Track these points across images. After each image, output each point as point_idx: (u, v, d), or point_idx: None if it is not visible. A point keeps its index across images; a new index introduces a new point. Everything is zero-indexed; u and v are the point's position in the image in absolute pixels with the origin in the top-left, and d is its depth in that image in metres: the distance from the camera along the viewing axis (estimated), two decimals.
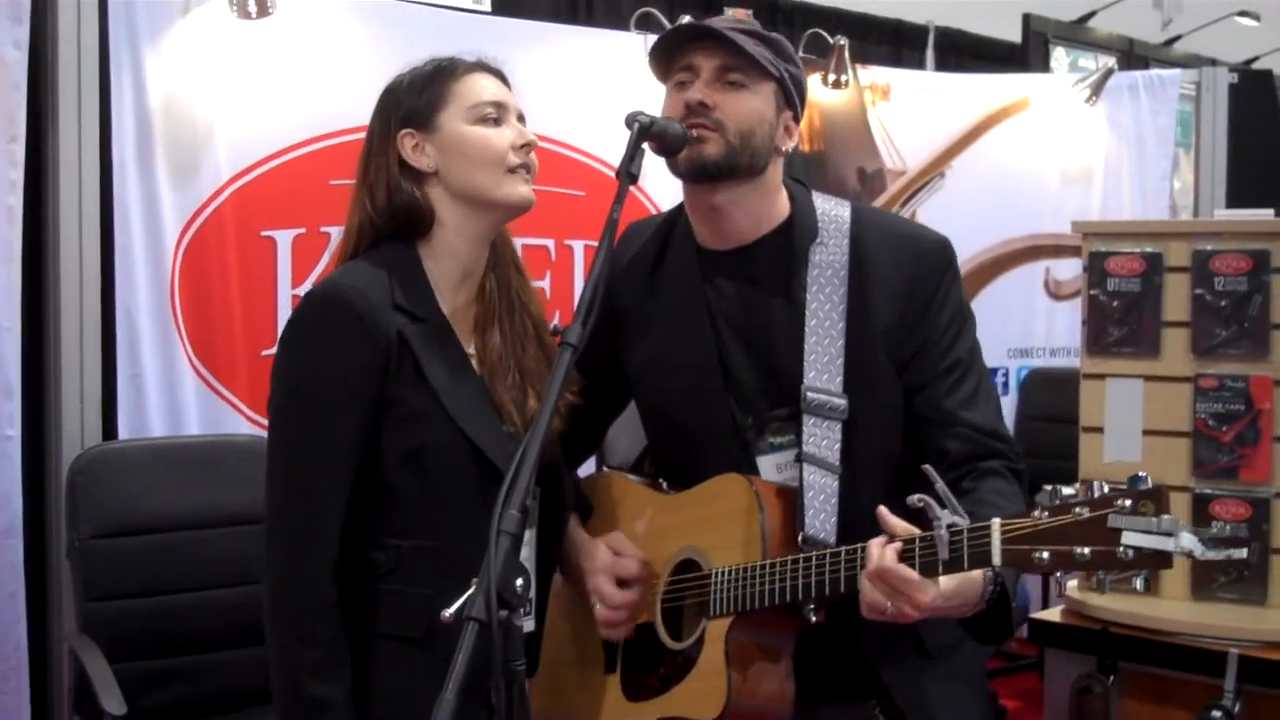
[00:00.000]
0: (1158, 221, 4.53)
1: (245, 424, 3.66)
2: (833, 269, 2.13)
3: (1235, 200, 5.32)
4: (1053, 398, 5.01)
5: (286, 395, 2.05)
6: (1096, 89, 5.42)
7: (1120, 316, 2.66)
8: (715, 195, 2.14)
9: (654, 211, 4.26)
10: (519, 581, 1.61)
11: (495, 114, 2.10)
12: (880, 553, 1.84)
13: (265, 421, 3.64)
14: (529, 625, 2.13)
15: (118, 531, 3.26)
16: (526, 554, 2.08)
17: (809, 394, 2.08)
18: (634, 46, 4.43)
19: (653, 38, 4.42)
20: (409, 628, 2.02)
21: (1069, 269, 5.35)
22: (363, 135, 2.16)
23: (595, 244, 1.92)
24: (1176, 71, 5.76)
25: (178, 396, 3.59)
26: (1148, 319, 2.64)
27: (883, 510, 1.88)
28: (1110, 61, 5.78)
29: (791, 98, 2.16)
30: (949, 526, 1.79)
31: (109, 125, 3.47)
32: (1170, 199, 5.78)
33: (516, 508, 1.63)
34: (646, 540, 2.22)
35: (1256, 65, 7.82)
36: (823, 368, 2.09)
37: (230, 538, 3.33)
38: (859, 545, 1.90)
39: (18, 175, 3.32)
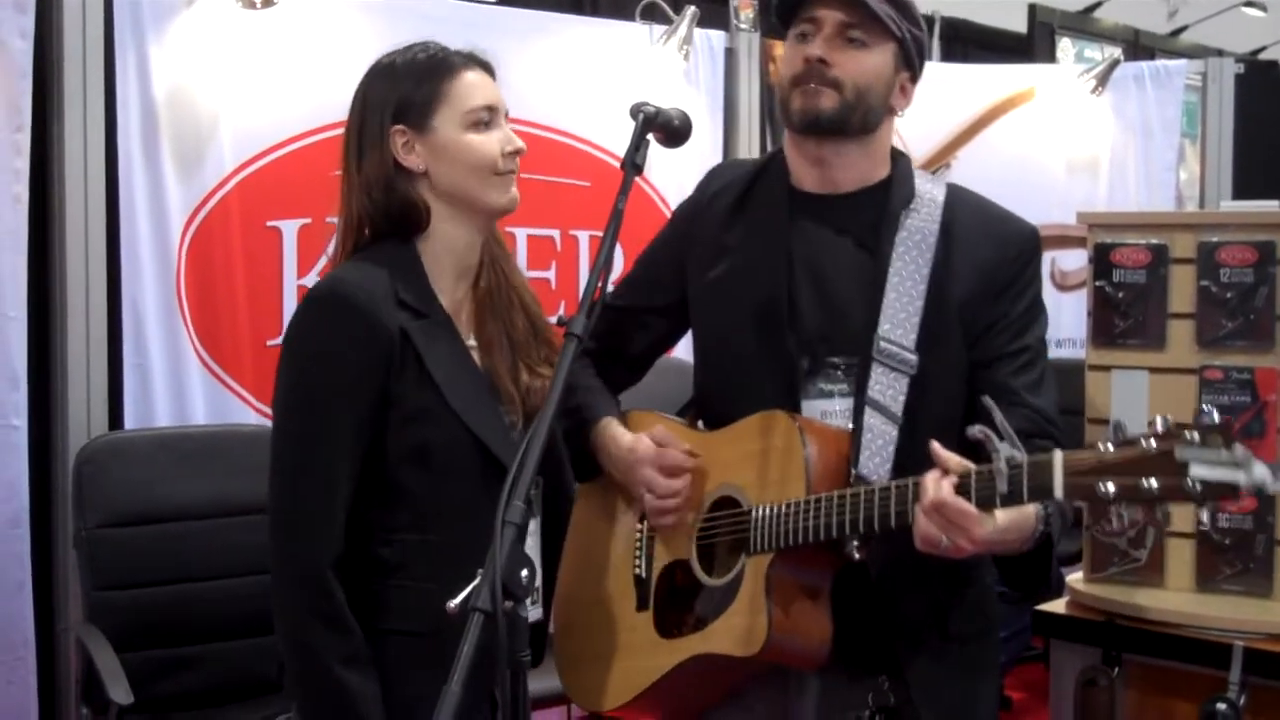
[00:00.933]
0: (1163, 213, 4.52)
1: (251, 414, 3.67)
2: (921, 234, 2.13)
3: (1241, 191, 5.32)
4: (1058, 389, 5.00)
5: (290, 391, 2.06)
6: (1102, 80, 5.41)
7: (1126, 308, 2.65)
8: (822, 148, 2.14)
9: (659, 202, 4.30)
10: (524, 572, 1.62)
11: (488, 118, 2.11)
12: (937, 485, 1.83)
13: (271, 412, 3.67)
14: (535, 614, 2.14)
15: (124, 521, 3.28)
16: (532, 544, 2.09)
17: (882, 342, 2.07)
18: (639, 37, 4.43)
19: (659, 28, 4.45)
20: (417, 623, 2.02)
21: (1074, 260, 5.34)
22: None
23: (600, 234, 1.92)
24: (1182, 62, 5.75)
25: (183, 386, 3.60)
26: (1153, 311, 2.63)
27: (936, 446, 1.87)
28: (1116, 52, 5.74)
29: (911, 59, 2.15)
30: (1008, 459, 1.78)
31: (114, 115, 3.47)
32: (1176, 190, 5.77)
33: (521, 499, 1.63)
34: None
35: (1263, 56, 7.81)
36: (898, 323, 2.09)
37: (237, 527, 3.34)
38: (911, 479, 1.89)
39: (23, 164, 3.32)
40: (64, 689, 3.50)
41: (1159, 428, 1.72)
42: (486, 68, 2.16)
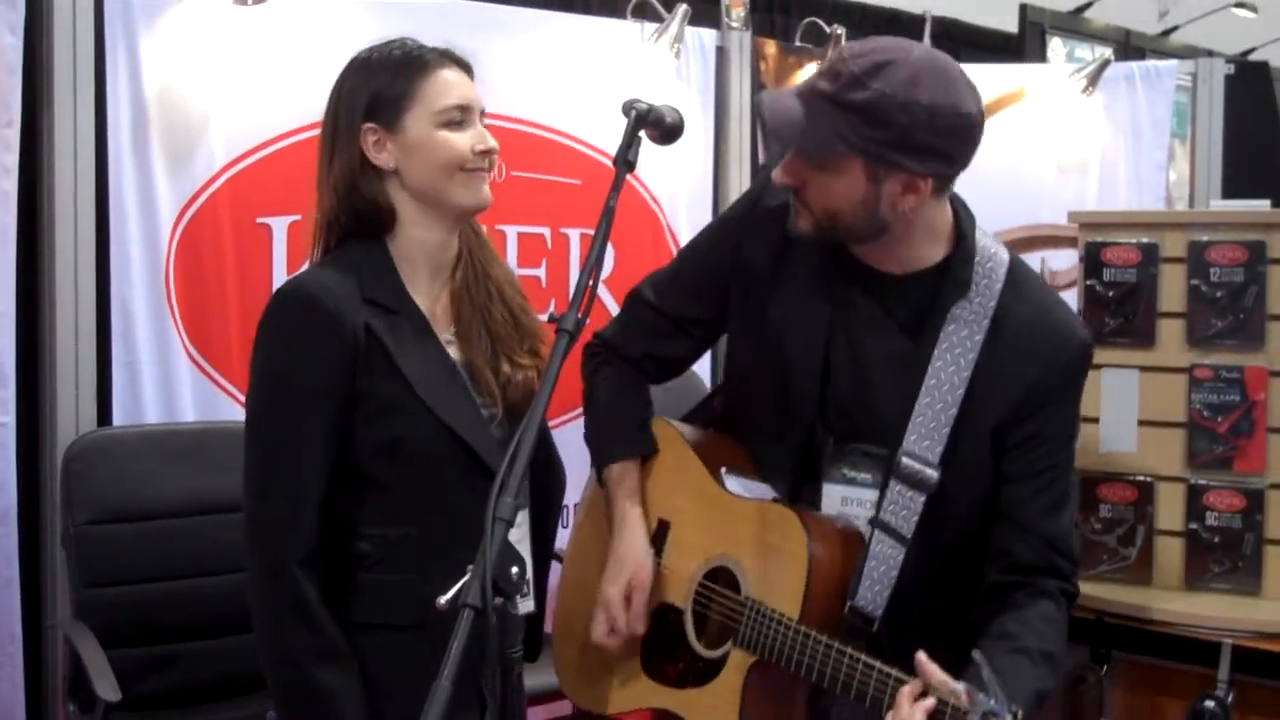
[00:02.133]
0: (1154, 212, 4.53)
1: (240, 411, 3.62)
2: (969, 330, 2.02)
3: (1231, 192, 5.32)
4: None
5: (257, 392, 2.08)
6: (1093, 80, 5.41)
7: (1116, 307, 2.66)
8: (850, 245, 2.07)
9: (650, 201, 4.29)
10: (514, 569, 1.62)
11: (460, 117, 2.09)
12: (911, 708, 1.81)
13: None
14: (528, 606, 2.14)
15: (112, 518, 3.26)
16: (519, 535, 2.09)
17: (904, 459, 2.02)
18: (630, 34, 4.42)
19: (650, 26, 4.44)
20: (399, 616, 2.03)
21: (1065, 260, 5.33)
22: None
23: (591, 232, 1.92)
24: (1173, 63, 5.75)
25: (173, 383, 3.58)
26: (1143, 309, 2.64)
27: (922, 658, 1.84)
28: (1107, 52, 5.75)
29: (891, 159, 1.92)
30: (983, 714, 1.73)
31: (104, 111, 3.46)
32: (1166, 190, 5.77)
33: (511, 495, 1.63)
34: (692, 524, 2.20)
35: (1253, 57, 7.82)
36: (926, 433, 2.02)
37: (225, 524, 3.32)
38: (894, 674, 1.87)
39: (13, 160, 3.31)
40: (51, 686, 3.48)
41: None
42: (463, 66, 2.15)
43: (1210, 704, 2.34)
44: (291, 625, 1.99)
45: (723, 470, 2.20)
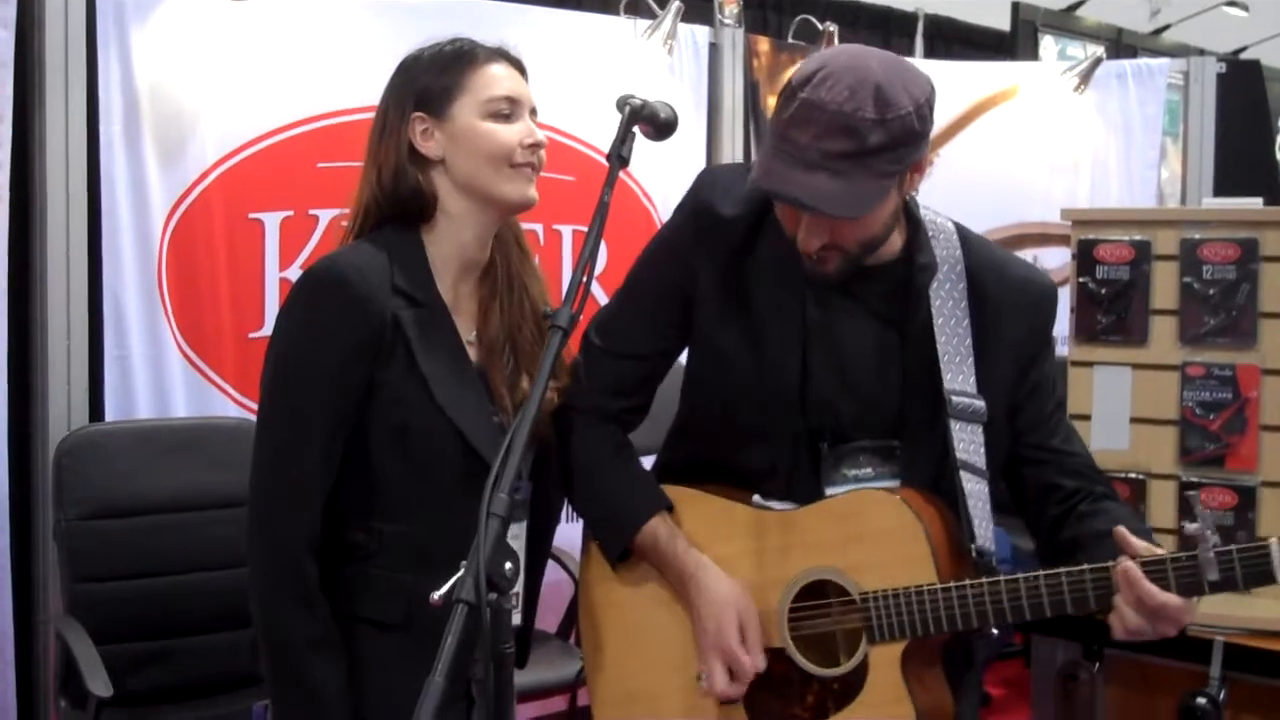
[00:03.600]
0: (1147, 210, 4.53)
1: (232, 406, 3.65)
2: (954, 301, 2.06)
3: (1222, 190, 5.33)
4: None
5: (276, 368, 2.05)
6: (1085, 78, 5.42)
7: (1108, 304, 2.66)
8: None
9: (643, 197, 4.29)
10: (508, 565, 1.62)
11: (508, 109, 2.08)
12: (1148, 586, 1.84)
13: (252, 404, 3.64)
14: (514, 619, 2.12)
15: (104, 513, 3.26)
16: (515, 548, 2.08)
17: (953, 398, 2.02)
18: (623, 31, 4.42)
19: (643, 22, 4.45)
20: (387, 613, 2.02)
21: (1057, 257, 5.34)
22: (351, 118, 2.16)
23: (584, 229, 1.91)
24: (1165, 61, 5.76)
25: (164, 379, 3.58)
26: (1136, 307, 2.64)
27: (1121, 531, 1.88)
28: (1099, 50, 5.76)
29: (911, 161, 1.92)
30: (1214, 548, 1.81)
31: (96, 106, 3.45)
32: (1158, 188, 5.78)
33: (505, 491, 1.63)
34: (751, 559, 2.09)
35: (1244, 55, 7.83)
36: (956, 370, 2.03)
37: (217, 520, 3.33)
38: (1089, 569, 1.89)
39: (4, 156, 3.31)
40: (42, 681, 3.48)
41: None
42: (515, 63, 2.15)
43: (1202, 701, 2.35)
44: (290, 610, 1.98)
45: (754, 499, 2.12)
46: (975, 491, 2.01)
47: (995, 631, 1.96)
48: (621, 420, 2.21)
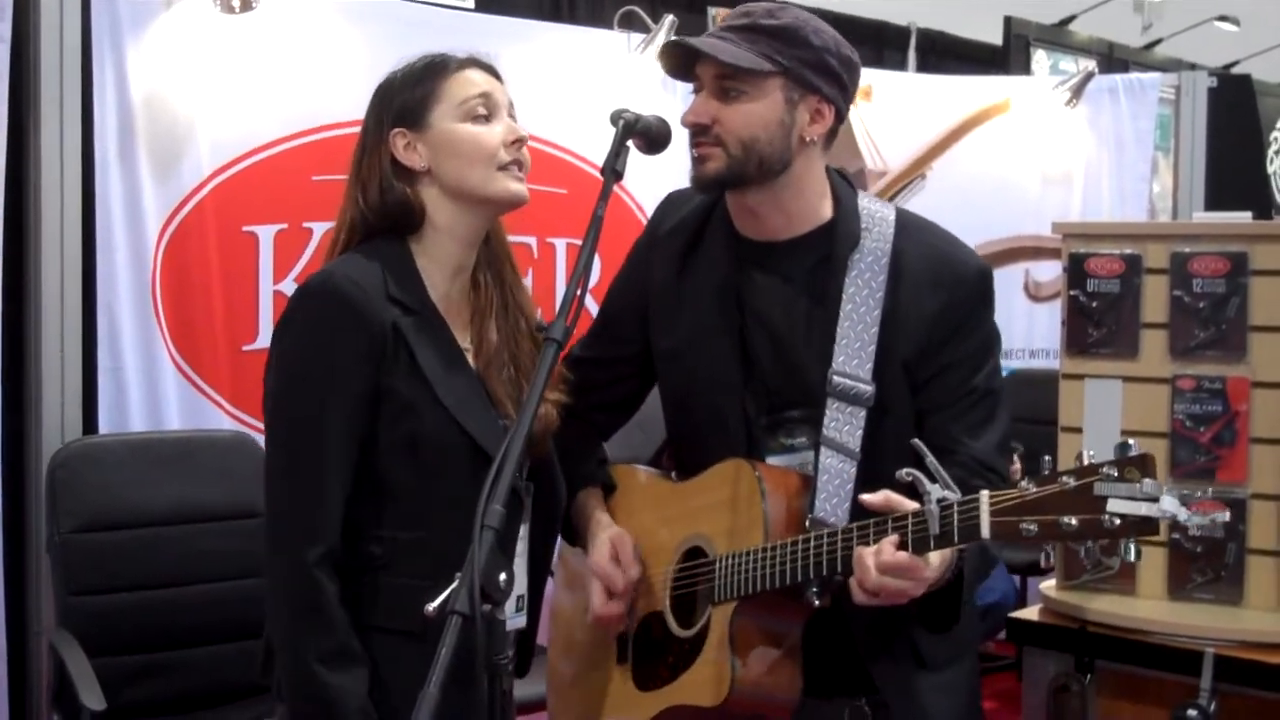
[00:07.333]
0: (1137, 223, 4.55)
1: (226, 419, 3.66)
2: (871, 274, 2.10)
3: (1213, 204, 5.36)
4: (1032, 399, 4.98)
5: (282, 385, 2.05)
6: (1077, 92, 5.44)
7: (1099, 317, 2.67)
8: (745, 197, 2.13)
9: (636, 211, 4.30)
10: (502, 576, 1.62)
11: (485, 110, 2.09)
12: (872, 555, 1.85)
13: (246, 417, 3.64)
14: (520, 622, 2.14)
15: (98, 526, 3.26)
16: (521, 549, 2.09)
17: (835, 378, 2.07)
18: (617, 45, 4.44)
19: (636, 36, 4.46)
20: (405, 621, 2.01)
21: (1049, 271, 5.37)
22: (345, 131, 2.17)
23: (578, 242, 1.92)
24: (1156, 75, 5.79)
25: (158, 391, 3.58)
26: (1126, 320, 2.65)
27: (867, 497, 1.91)
28: (1090, 65, 5.79)
29: (811, 81, 2.07)
30: (939, 500, 1.80)
31: (91, 118, 3.46)
32: (1149, 202, 5.81)
33: (500, 502, 1.63)
34: (657, 528, 2.22)
35: (1236, 70, 7.87)
36: (853, 354, 2.08)
37: (210, 533, 3.33)
38: (856, 525, 1.92)
39: None
40: (36, 694, 3.48)
41: (1082, 462, 1.73)
42: (488, 68, 2.16)
43: (1193, 713, 2.35)
44: (309, 624, 1.98)
45: (673, 474, 2.28)
46: (833, 468, 2.05)
47: (815, 598, 1.98)
48: (592, 420, 2.34)
